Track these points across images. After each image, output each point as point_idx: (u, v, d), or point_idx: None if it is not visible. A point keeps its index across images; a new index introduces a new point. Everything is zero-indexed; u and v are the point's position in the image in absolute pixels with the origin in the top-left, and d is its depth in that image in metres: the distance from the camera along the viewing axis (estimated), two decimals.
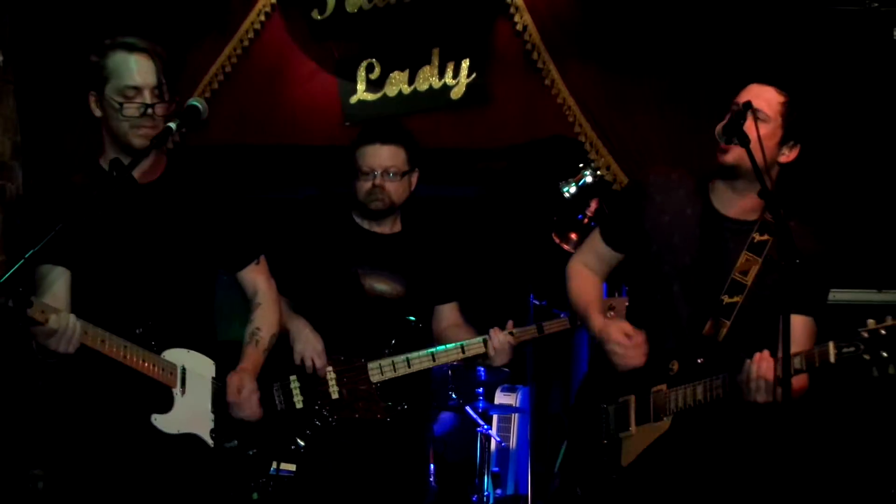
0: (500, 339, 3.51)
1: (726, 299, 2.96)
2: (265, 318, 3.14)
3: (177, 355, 2.90)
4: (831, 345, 2.68)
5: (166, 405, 2.85)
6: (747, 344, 2.88)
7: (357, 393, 3.47)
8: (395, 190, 3.52)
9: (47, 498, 3.92)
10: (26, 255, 2.41)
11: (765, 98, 2.90)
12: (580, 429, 3.21)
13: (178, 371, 2.89)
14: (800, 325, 2.89)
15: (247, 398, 2.96)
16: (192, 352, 2.94)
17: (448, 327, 3.68)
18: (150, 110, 2.77)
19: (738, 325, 2.96)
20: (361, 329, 3.51)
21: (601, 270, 3.28)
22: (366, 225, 3.61)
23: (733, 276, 2.96)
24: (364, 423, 3.47)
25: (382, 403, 3.47)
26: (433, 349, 3.53)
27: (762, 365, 2.74)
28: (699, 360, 2.94)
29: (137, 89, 2.77)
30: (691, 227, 3.02)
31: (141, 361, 2.77)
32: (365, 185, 3.51)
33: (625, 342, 3.00)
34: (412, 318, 3.59)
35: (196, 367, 2.94)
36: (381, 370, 3.48)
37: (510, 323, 3.57)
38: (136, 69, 2.77)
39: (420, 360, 3.51)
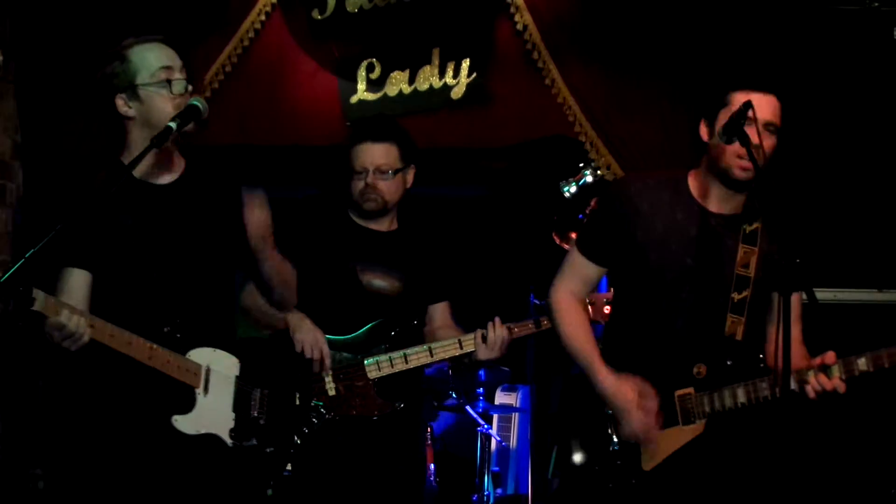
0: (496, 332, 3.47)
1: (736, 296, 2.95)
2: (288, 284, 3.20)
3: (202, 355, 2.89)
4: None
5: (188, 405, 2.84)
6: (762, 337, 2.94)
7: (354, 389, 3.44)
8: (388, 189, 3.51)
9: (53, 499, 3.91)
10: (27, 255, 2.40)
11: (776, 111, 2.91)
12: (576, 433, 3.10)
13: (203, 371, 2.88)
14: (797, 302, 2.99)
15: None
16: (217, 350, 2.93)
17: (439, 328, 3.65)
18: (190, 87, 2.82)
19: (751, 319, 2.97)
20: (359, 324, 3.50)
21: (586, 294, 3.19)
22: (362, 223, 3.60)
23: (737, 271, 2.96)
24: (361, 420, 3.45)
25: (379, 400, 3.46)
26: (430, 344, 3.51)
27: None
28: (728, 363, 2.93)
29: (170, 68, 2.80)
30: (686, 230, 2.98)
31: (166, 362, 2.77)
32: (358, 185, 3.51)
33: (642, 408, 2.90)
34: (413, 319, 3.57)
35: (221, 366, 2.93)
36: (378, 366, 3.46)
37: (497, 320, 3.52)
38: (162, 53, 2.81)
39: (417, 355, 3.48)
